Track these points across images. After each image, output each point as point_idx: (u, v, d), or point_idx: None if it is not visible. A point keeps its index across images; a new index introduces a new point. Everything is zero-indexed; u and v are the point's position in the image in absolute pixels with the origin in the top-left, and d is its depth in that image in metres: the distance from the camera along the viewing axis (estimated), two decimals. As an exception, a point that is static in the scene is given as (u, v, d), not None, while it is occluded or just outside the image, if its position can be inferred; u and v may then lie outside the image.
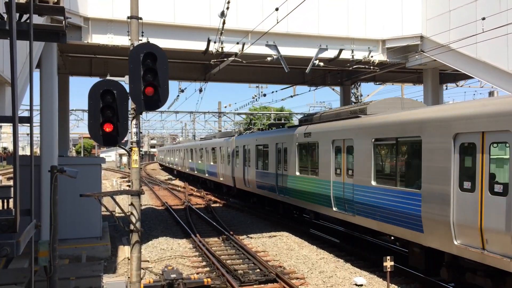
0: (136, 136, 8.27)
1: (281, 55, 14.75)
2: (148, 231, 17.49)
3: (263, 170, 20.60)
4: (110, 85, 7.47)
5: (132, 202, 8.22)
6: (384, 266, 9.11)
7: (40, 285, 8.44)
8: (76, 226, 13.95)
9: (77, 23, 12.99)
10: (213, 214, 21.54)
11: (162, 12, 13.86)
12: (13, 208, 3.68)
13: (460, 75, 20.04)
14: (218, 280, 11.14)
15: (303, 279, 11.31)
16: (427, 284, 10.59)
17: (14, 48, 3.57)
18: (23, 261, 11.61)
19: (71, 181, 9.31)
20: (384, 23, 15.99)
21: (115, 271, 12.27)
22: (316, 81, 22.90)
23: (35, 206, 6.43)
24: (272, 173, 19.24)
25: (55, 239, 7.24)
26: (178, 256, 13.81)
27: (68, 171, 7.19)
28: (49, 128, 12.73)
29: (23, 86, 9.78)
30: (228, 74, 20.72)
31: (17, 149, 3.62)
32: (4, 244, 3.39)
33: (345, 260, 13.14)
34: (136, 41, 8.27)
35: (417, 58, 16.21)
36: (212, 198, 28.99)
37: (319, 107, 50.58)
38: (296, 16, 14.29)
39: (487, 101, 8.72)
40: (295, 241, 15.76)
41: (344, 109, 14.80)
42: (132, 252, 8.22)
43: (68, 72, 20.07)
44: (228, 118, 57.73)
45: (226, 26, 13.16)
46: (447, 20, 14.84)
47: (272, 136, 19.91)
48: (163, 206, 25.39)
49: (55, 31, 4.77)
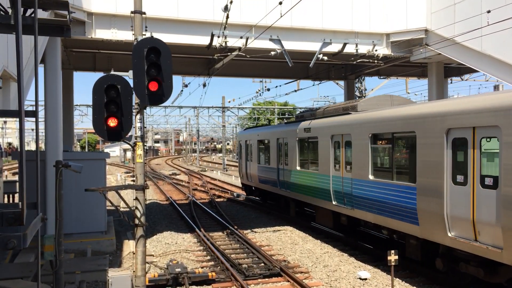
0: (140, 131, 8.30)
1: (285, 49, 14.71)
2: (152, 226, 17.57)
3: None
4: (114, 80, 7.50)
5: (137, 196, 8.27)
6: (388, 260, 9.12)
7: (46, 279, 8.52)
8: (81, 221, 14.02)
9: (80, 18, 12.99)
10: (217, 209, 21.59)
11: (165, 6, 13.85)
12: (20, 201, 3.71)
13: (465, 69, 19.95)
14: (222, 274, 11.18)
15: (307, 273, 11.34)
16: (431, 278, 10.61)
17: (20, 42, 3.58)
18: (29, 256, 11.69)
19: (76, 175, 9.37)
20: (388, 17, 15.91)
21: (120, 265, 12.34)
22: (320, 75, 22.84)
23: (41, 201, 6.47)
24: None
25: (61, 233, 7.29)
26: (183, 250, 13.88)
27: (73, 166, 7.23)
28: (53, 123, 12.78)
29: (27, 81, 9.81)
30: (232, 69, 20.70)
31: (23, 142, 3.64)
32: (11, 236, 3.42)
33: (349, 254, 13.16)
34: (140, 35, 8.28)
35: (422, 52, 16.12)
36: (216, 193, 29.06)
37: (323, 101, 50.50)
38: (300, 10, 14.24)
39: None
40: (299, 235, 15.79)
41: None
42: (137, 246, 8.27)
43: (72, 67, 20.11)
44: (232, 112, 57.80)
45: (229, 21, 13.14)
46: (452, 13, 14.75)
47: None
48: (167, 201, 25.47)
49: (59, 25, 4.78)
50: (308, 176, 15.93)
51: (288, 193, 17.90)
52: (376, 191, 11.63)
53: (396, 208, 10.76)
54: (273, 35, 14.44)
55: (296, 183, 16.96)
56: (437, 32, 15.19)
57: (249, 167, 23.03)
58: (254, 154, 22.14)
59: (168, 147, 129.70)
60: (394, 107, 12.17)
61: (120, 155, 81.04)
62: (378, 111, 12.11)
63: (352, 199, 12.86)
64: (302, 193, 16.59)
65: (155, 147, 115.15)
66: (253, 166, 22.27)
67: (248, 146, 23.39)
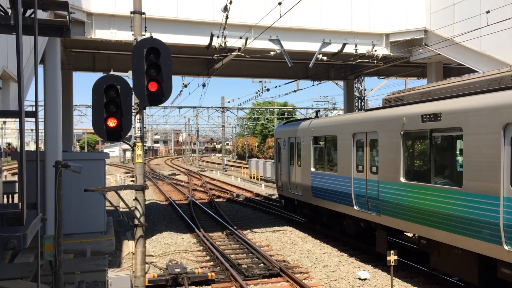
0: (139, 131, 8.30)
1: (285, 50, 14.72)
2: (152, 226, 17.57)
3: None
4: (114, 80, 7.50)
5: (136, 196, 8.26)
6: (387, 260, 9.12)
7: (46, 279, 8.51)
8: (80, 221, 14.02)
9: (80, 18, 12.99)
10: (217, 209, 21.60)
11: (165, 6, 13.85)
12: (20, 201, 3.71)
13: (464, 69, 19.93)
14: (222, 275, 11.18)
15: (307, 273, 11.35)
16: (431, 278, 10.61)
17: (19, 43, 3.58)
18: (29, 256, 11.69)
19: (76, 176, 9.37)
20: (388, 17, 15.93)
21: (119, 265, 12.34)
22: (320, 76, 22.86)
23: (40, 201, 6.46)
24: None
25: (60, 233, 7.30)
26: (182, 251, 13.88)
27: (73, 166, 7.23)
28: (53, 124, 12.78)
29: (27, 81, 9.81)
30: (231, 69, 20.70)
31: (23, 143, 3.64)
32: (11, 236, 3.42)
33: (348, 254, 13.16)
34: (139, 36, 8.28)
35: (421, 52, 16.14)
36: (216, 193, 29.07)
37: (322, 101, 50.62)
38: (299, 10, 14.26)
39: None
40: (299, 236, 15.80)
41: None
42: (137, 246, 8.27)
43: (72, 67, 20.11)
44: (232, 113, 57.83)
45: (229, 21, 13.14)
46: (451, 13, 14.76)
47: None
48: (167, 201, 25.48)
49: (59, 26, 4.78)
50: (436, 194, 9.46)
51: (378, 218, 11.58)
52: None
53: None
54: (272, 35, 14.45)
55: (400, 205, 10.63)
56: (436, 32, 15.21)
57: (295, 173, 17.10)
58: (306, 156, 16.08)
59: (167, 147, 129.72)
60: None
61: (119, 155, 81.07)
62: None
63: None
64: (408, 220, 10.41)
65: (154, 147, 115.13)
66: (303, 173, 16.24)
67: (292, 145, 17.53)
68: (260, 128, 70.80)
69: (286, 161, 18.00)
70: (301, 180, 16.35)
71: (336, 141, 13.83)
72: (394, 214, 10.85)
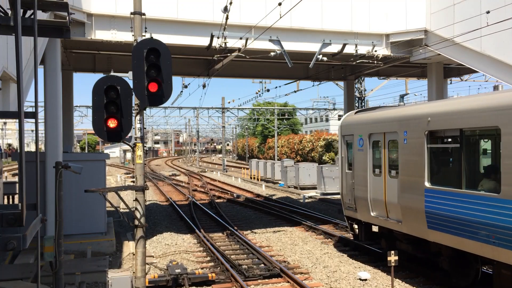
0: (140, 132, 8.30)
1: (285, 50, 14.72)
2: (152, 227, 17.57)
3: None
4: (114, 81, 7.50)
5: (137, 197, 8.26)
6: (388, 260, 9.11)
7: (46, 280, 8.51)
8: (81, 222, 14.02)
9: (80, 19, 13.00)
10: (217, 210, 21.59)
11: (165, 7, 13.86)
12: (19, 202, 3.70)
13: (464, 69, 19.96)
14: (222, 275, 11.18)
15: (307, 274, 11.34)
16: (431, 278, 10.60)
17: (19, 43, 3.58)
18: (29, 257, 11.69)
19: (76, 177, 9.36)
20: (388, 17, 15.93)
21: (120, 266, 12.34)
22: (320, 76, 22.86)
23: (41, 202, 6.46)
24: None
25: (61, 234, 7.28)
26: (183, 251, 13.87)
27: (73, 167, 7.22)
28: (53, 124, 12.78)
29: (27, 82, 9.82)
30: (232, 70, 20.70)
31: (23, 143, 3.64)
32: (11, 237, 3.42)
33: (349, 255, 13.15)
34: (140, 36, 8.28)
35: (421, 52, 16.15)
36: (216, 193, 29.06)
37: (322, 102, 50.67)
38: (299, 11, 14.27)
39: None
40: (299, 236, 15.79)
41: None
42: (137, 247, 8.26)
43: (72, 68, 20.11)
44: (232, 113, 57.87)
45: (229, 21, 13.14)
46: (451, 13, 14.76)
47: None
48: (167, 202, 25.47)
49: (58, 26, 4.78)
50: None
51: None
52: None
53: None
54: (272, 35, 14.45)
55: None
56: (436, 32, 15.20)
57: (385, 188, 11.26)
58: (411, 162, 10.14)
59: (168, 148, 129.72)
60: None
61: (120, 156, 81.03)
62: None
63: None
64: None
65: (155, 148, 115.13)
66: (404, 189, 10.36)
67: (377, 144, 11.73)
68: (260, 129, 70.84)
69: (366, 168, 12.02)
70: (400, 199, 10.51)
71: (495, 137, 8.32)
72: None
